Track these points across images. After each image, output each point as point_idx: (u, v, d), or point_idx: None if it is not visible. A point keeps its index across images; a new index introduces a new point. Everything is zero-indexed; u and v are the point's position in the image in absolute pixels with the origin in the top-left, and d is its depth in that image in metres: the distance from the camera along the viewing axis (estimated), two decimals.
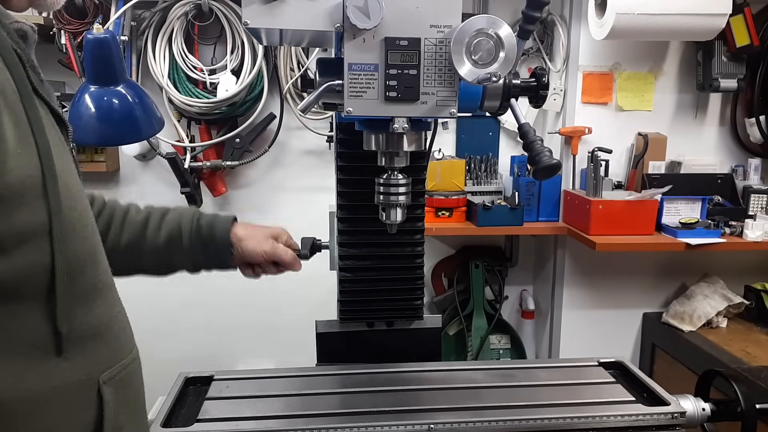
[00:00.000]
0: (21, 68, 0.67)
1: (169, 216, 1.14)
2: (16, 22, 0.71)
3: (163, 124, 1.58)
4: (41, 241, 0.66)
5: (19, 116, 0.64)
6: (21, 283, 0.65)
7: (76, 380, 0.71)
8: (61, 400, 0.70)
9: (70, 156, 0.75)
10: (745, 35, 2.22)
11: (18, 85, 0.65)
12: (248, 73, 2.30)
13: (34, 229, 0.65)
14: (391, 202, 0.99)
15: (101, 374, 0.73)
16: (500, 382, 1.22)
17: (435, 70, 0.84)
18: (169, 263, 1.15)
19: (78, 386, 0.71)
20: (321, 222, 1.41)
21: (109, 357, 0.76)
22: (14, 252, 0.64)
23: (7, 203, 0.62)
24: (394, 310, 1.35)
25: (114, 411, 0.74)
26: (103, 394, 0.73)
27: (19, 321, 0.66)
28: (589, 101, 2.43)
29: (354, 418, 1.06)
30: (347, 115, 0.85)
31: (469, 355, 2.60)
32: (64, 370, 0.70)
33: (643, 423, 1.08)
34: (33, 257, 0.66)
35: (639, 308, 2.58)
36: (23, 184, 0.63)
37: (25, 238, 0.65)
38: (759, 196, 2.37)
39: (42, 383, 0.68)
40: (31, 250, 0.65)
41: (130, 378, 0.80)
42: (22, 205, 0.64)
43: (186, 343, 2.56)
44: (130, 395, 0.80)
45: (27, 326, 0.67)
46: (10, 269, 0.64)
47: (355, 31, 0.82)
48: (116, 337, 0.78)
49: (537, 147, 0.84)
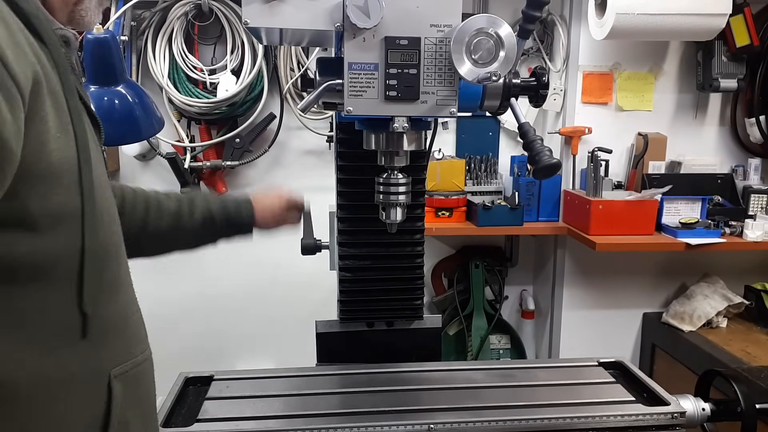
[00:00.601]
0: (66, 63, 0.70)
1: (197, 201, 1.24)
2: (60, 28, 0.75)
3: (163, 124, 1.58)
4: (74, 225, 0.69)
5: (61, 104, 0.67)
6: (52, 264, 0.68)
7: (90, 370, 0.73)
8: (74, 389, 0.71)
9: (100, 152, 0.79)
10: (745, 35, 2.22)
11: (62, 80, 0.68)
12: (248, 73, 2.30)
13: (68, 211, 0.68)
14: (391, 202, 0.99)
15: (113, 368, 0.75)
16: (500, 382, 1.22)
17: (435, 70, 0.84)
18: (201, 242, 1.25)
19: (90, 376, 0.73)
20: (321, 222, 1.41)
21: (122, 352, 0.77)
22: (48, 232, 0.66)
23: (46, 183, 0.65)
24: (394, 310, 1.35)
25: (122, 406, 0.75)
26: (112, 387, 0.74)
27: (46, 301, 0.68)
28: (589, 101, 2.43)
29: (354, 418, 1.06)
30: (347, 115, 0.85)
31: (469, 355, 2.60)
32: (80, 358, 0.71)
33: (643, 423, 1.08)
34: (65, 240, 0.68)
35: (639, 308, 2.58)
36: (62, 167, 0.67)
37: (60, 219, 0.67)
38: (759, 196, 2.37)
39: (58, 370, 0.69)
40: (64, 233, 0.68)
41: (142, 376, 0.81)
42: (59, 186, 0.67)
43: (186, 343, 2.56)
44: (141, 393, 0.82)
45: (53, 307, 0.69)
46: (42, 249, 0.66)
47: (355, 31, 0.82)
48: (131, 334, 0.80)
49: (537, 146, 0.84)
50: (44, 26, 0.68)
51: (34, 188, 0.64)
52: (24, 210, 0.64)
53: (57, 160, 0.66)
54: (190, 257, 1.28)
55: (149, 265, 1.13)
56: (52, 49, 0.68)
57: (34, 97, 0.63)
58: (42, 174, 0.64)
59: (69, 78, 0.70)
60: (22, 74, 0.60)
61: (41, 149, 0.64)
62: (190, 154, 2.39)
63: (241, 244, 2.73)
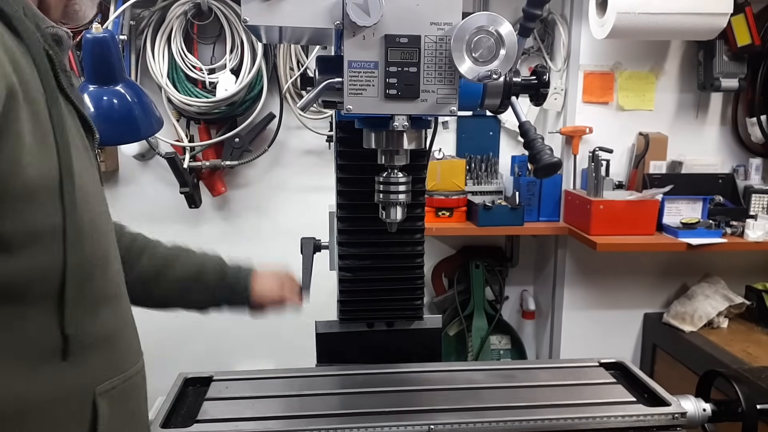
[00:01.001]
0: (50, 70, 0.67)
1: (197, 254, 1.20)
2: (53, 26, 0.72)
3: (162, 124, 1.57)
4: (53, 243, 0.65)
5: (40, 113, 0.64)
6: (28, 285, 0.64)
7: (72, 390, 0.70)
8: (56, 411, 0.68)
9: (92, 160, 0.75)
10: (746, 35, 2.21)
11: (44, 86, 0.65)
12: (247, 72, 2.30)
13: (46, 230, 0.64)
14: (391, 201, 0.98)
15: (98, 386, 0.72)
16: (501, 383, 1.21)
17: (435, 68, 0.84)
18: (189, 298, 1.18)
19: (73, 397, 0.70)
20: (321, 222, 1.40)
21: (109, 368, 0.74)
22: (22, 252, 0.63)
23: (21, 201, 0.62)
24: (394, 310, 1.34)
25: (108, 424, 0.72)
26: (98, 406, 0.71)
27: (24, 323, 0.65)
28: (590, 101, 2.42)
29: (354, 418, 1.06)
30: (347, 113, 0.84)
31: (470, 355, 2.59)
32: (61, 379, 0.68)
33: (644, 423, 1.08)
34: (43, 258, 0.65)
35: (640, 308, 2.58)
36: (38, 182, 0.63)
37: (37, 238, 0.64)
38: (760, 196, 2.36)
39: (39, 392, 0.66)
40: (42, 251, 0.64)
41: (131, 390, 0.79)
42: (36, 203, 0.63)
43: (186, 343, 2.55)
44: (131, 408, 0.79)
45: (33, 329, 0.66)
46: (16, 270, 0.63)
47: (355, 29, 0.81)
48: (119, 349, 0.77)
49: (537, 145, 0.83)
50: (27, 28, 0.65)
51: (8, 207, 0.60)
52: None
53: (33, 176, 0.62)
54: None
55: None
56: (35, 54, 0.65)
57: (6, 112, 0.59)
58: (17, 192, 0.61)
59: (51, 84, 0.66)
60: None
61: (15, 166, 0.60)
62: (190, 153, 2.38)
63: (241, 243, 2.72)
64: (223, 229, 2.61)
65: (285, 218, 2.59)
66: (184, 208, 2.45)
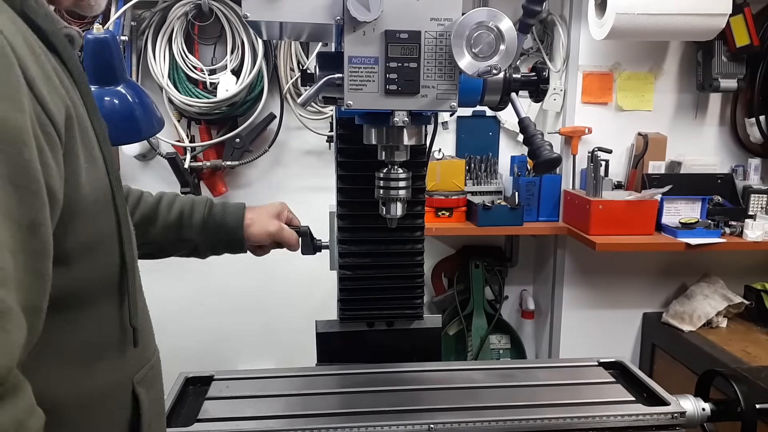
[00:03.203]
0: (87, 82, 0.68)
1: (181, 197, 1.18)
2: (66, 27, 0.72)
3: (163, 124, 1.57)
4: (111, 247, 0.69)
5: (86, 130, 0.66)
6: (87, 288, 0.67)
7: (120, 381, 0.73)
8: (108, 402, 0.71)
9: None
10: (745, 35, 2.22)
11: (84, 99, 0.67)
12: (248, 73, 2.30)
13: (104, 238, 0.68)
14: (391, 197, 0.99)
15: (135, 375, 0.75)
16: (500, 382, 1.21)
17: (435, 63, 0.84)
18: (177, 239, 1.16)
19: (120, 387, 0.73)
20: (321, 222, 1.40)
21: (141, 358, 0.78)
22: (81, 262, 0.65)
23: (80, 218, 0.63)
24: (394, 309, 1.34)
25: (148, 410, 0.75)
26: (138, 394, 0.74)
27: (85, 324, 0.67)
28: (589, 101, 2.43)
29: (354, 418, 1.06)
30: (347, 109, 0.84)
31: (469, 355, 2.59)
32: (113, 371, 0.71)
33: (643, 423, 1.08)
34: (104, 261, 0.68)
35: (639, 308, 2.58)
36: (94, 197, 0.65)
37: (96, 246, 0.67)
38: (759, 196, 2.37)
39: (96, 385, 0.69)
40: (101, 256, 0.68)
41: (156, 378, 0.82)
42: (92, 217, 0.65)
43: (186, 343, 2.55)
44: (158, 395, 0.82)
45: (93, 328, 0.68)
46: (76, 278, 0.64)
47: (355, 24, 0.81)
48: (146, 338, 0.80)
49: (537, 141, 0.83)
50: (61, 41, 0.65)
51: (69, 225, 0.62)
52: (59, 248, 0.60)
53: (89, 192, 0.64)
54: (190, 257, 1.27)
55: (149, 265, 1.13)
56: (73, 70, 0.66)
57: (68, 133, 0.61)
58: (77, 210, 0.62)
59: (92, 98, 0.68)
60: (56, 111, 0.58)
61: (76, 187, 0.62)
62: (190, 154, 2.38)
63: None
64: None
65: None
66: None
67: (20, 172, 0.52)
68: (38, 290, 0.56)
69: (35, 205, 0.54)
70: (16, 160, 0.52)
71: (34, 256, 0.55)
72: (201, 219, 1.16)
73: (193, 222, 1.15)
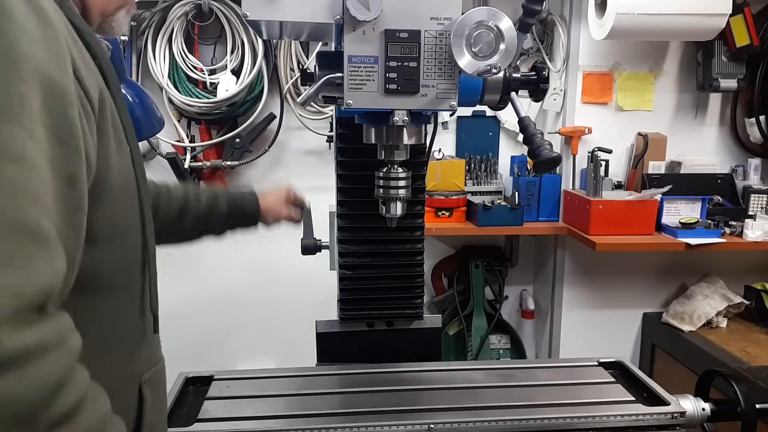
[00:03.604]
0: (117, 81, 0.72)
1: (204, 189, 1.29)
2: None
3: (163, 124, 1.58)
4: (136, 238, 0.72)
5: (116, 120, 0.69)
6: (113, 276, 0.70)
7: (128, 378, 0.74)
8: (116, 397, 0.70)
9: None
10: (745, 35, 2.21)
11: (113, 93, 0.70)
12: (248, 73, 2.30)
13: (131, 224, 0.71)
14: (391, 196, 0.99)
15: (143, 374, 0.77)
16: (500, 382, 1.21)
17: (435, 63, 0.84)
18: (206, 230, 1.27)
19: (128, 384, 0.74)
20: (321, 222, 1.40)
21: (150, 357, 0.80)
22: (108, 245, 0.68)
23: (108, 198, 0.67)
24: (394, 309, 1.34)
25: (151, 411, 0.77)
26: (143, 393, 0.76)
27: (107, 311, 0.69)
28: (589, 101, 2.42)
29: (354, 418, 1.06)
30: (347, 108, 0.84)
31: (469, 355, 2.59)
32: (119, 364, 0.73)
33: (643, 423, 1.08)
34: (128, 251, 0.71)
35: (639, 308, 2.58)
36: (121, 183, 0.69)
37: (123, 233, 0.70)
38: (759, 196, 2.36)
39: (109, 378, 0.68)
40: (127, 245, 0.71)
41: (160, 380, 0.83)
42: (120, 202, 0.69)
43: (186, 343, 2.55)
44: (161, 398, 0.83)
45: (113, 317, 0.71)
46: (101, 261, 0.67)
47: (355, 23, 0.82)
48: (155, 340, 0.82)
49: (537, 140, 0.83)
50: (97, 42, 0.69)
51: (98, 203, 0.65)
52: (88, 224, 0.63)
53: (117, 177, 0.68)
54: (191, 257, 1.28)
55: None
56: (104, 66, 0.69)
57: (101, 114, 0.64)
58: (106, 189, 0.66)
59: (120, 96, 0.71)
60: (93, 91, 0.62)
61: (107, 165, 0.65)
62: (190, 154, 2.38)
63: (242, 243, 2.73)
64: None
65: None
66: None
67: (64, 126, 0.56)
68: (74, 243, 0.59)
69: (74, 160, 0.58)
70: (62, 116, 0.56)
71: (71, 208, 0.58)
72: (226, 208, 1.26)
73: (219, 212, 1.25)
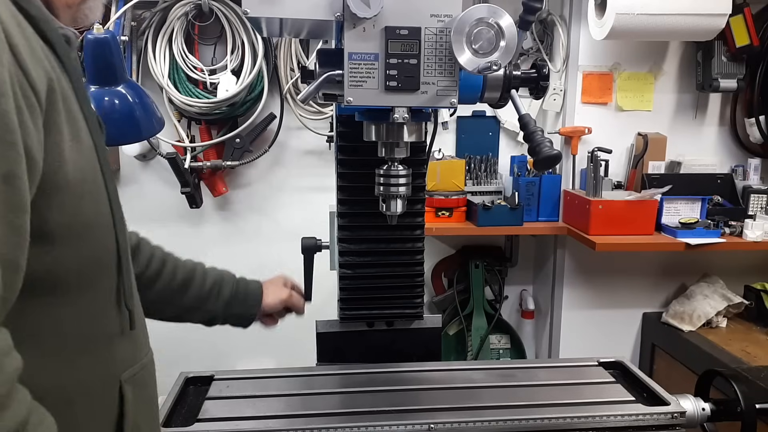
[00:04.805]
0: (78, 69, 0.70)
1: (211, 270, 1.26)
2: (61, 27, 0.74)
3: (164, 124, 1.57)
4: (106, 233, 0.70)
5: (73, 112, 0.66)
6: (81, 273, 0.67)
7: (104, 377, 0.73)
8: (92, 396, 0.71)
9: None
10: (745, 35, 2.22)
11: (74, 84, 0.68)
12: (248, 73, 2.30)
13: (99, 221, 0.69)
14: (392, 193, 0.98)
15: (122, 373, 0.75)
16: (500, 382, 1.21)
17: (435, 60, 0.84)
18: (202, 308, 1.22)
19: (106, 383, 0.73)
20: (321, 222, 1.40)
21: (132, 355, 0.78)
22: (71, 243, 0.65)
23: (63, 194, 0.63)
24: (394, 308, 1.34)
25: (133, 410, 0.75)
26: (124, 391, 0.74)
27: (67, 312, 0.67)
28: (589, 101, 2.43)
29: (354, 417, 1.06)
30: (347, 105, 0.84)
31: (469, 355, 2.59)
32: (95, 364, 0.71)
33: (643, 423, 1.07)
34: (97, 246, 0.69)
35: (639, 308, 2.58)
36: (79, 177, 0.65)
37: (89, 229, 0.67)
38: (759, 196, 2.36)
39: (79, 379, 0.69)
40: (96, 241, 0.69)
41: (147, 378, 0.82)
42: (78, 197, 0.65)
43: (186, 343, 2.55)
44: (147, 395, 0.82)
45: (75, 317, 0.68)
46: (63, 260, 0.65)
47: (355, 20, 0.81)
48: (138, 338, 0.80)
49: (537, 138, 0.83)
50: (54, 31, 0.67)
51: (52, 200, 0.62)
52: (42, 223, 0.60)
53: (73, 170, 0.64)
54: (190, 257, 1.27)
55: None
56: (62, 55, 0.67)
57: (50, 105, 0.61)
58: (59, 185, 0.62)
59: (81, 84, 0.69)
60: (38, 80, 0.59)
61: (58, 159, 0.62)
62: (191, 154, 2.38)
63: (242, 243, 2.72)
64: (224, 229, 2.61)
65: (285, 218, 2.58)
66: (185, 209, 2.45)
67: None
68: (15, 245, 0.55)
69: (11, 156, 0.54)
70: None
71: (9, 207, 0.54)
72: (229, 294, 1.23)
73: (221, 296, 1.22)
